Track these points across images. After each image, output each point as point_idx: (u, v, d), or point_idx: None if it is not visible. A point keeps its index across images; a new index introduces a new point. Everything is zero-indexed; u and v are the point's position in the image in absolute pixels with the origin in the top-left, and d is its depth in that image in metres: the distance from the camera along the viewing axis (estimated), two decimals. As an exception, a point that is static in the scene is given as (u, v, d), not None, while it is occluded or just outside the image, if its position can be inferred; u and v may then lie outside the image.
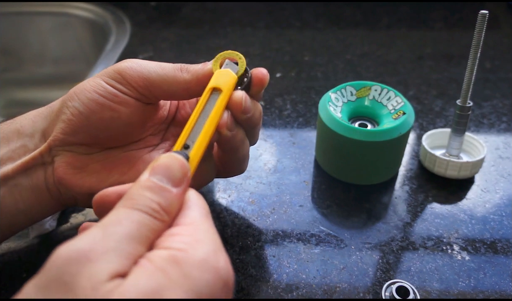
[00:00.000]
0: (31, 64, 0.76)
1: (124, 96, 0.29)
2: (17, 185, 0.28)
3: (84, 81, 0.29)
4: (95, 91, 0.28)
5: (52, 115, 0.29)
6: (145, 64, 0.29)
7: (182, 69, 0.30)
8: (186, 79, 0.29)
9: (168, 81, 0.29)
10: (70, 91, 0.29)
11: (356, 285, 0.30)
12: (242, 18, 0.69)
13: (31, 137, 0.29)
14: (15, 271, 0.31)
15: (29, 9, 0.73)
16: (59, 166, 0.29)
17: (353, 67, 0.56)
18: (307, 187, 0.38)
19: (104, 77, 0.29)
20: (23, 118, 0.30)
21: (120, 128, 0.29)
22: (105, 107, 0.28)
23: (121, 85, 0.29)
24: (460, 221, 0.35)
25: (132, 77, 0.29)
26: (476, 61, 0.33)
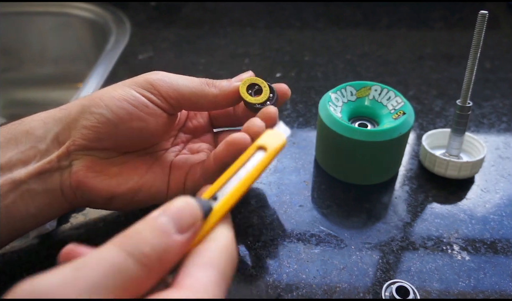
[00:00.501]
0: (31, 64, 0.76)
1: (154, 106, 0.30)
2: (30, 190, 0.28)
3: (109, 88, 0.29)
4: (125, 100, 0.29)
5: (68, 119, 0.29)
6: (174, 77, 0.31)
7: (209, 84, 0.31)
8: (214, 93, 0.31)
9: (197, 94, 0.31)
10: (93, 96, 0.29)
11: (356, 285, 0.30)
12: (242, 18, 0.69)
13: (42, 140, 0.29)
14: (15, 271, 0.31)
15: (29, 9, 0.73)
16: (78, 170, 0.29)
17: (353, 67, 0.56)
18: (307, 187, 0.38)
19: (134, 87, 0.29)
20: (32, 119, 0.29)
21: (145, 136, 0.30)
22: (134, 116, 0.29)
23: (152, 96, 0.29)
24: (460, 221, 0.35)
25: (164, 89, 0.30)
26: (476, 61, 0.33)
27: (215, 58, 0.58)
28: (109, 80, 0.54)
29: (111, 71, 0.56)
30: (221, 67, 0.56)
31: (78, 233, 0.34)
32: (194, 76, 0.32)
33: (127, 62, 0.58)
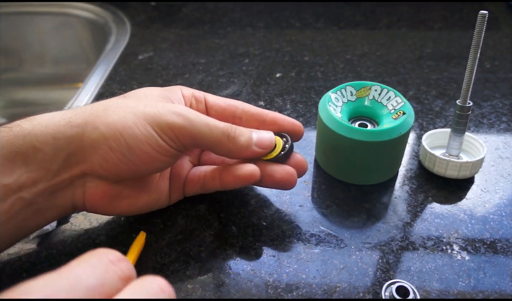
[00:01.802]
0: (31, 64, 0.76)
1: (174, 152, 0.29)
2: (41, 208, 0.28)
3: (130, 123, 0.27)
4: (149, 144, 0.28)
5: (82, 143, 0.27)
6: (196, 121, 0.29)
7: (230, 138, 0.30)
8: (230, 148, 0.30)
9: (214, 144, 0.30)
10: (110, 123, 0.27)
11: (356, 285, 0.30)
12: (242, 18, 0.69)
13: (53, 159, 0.27)
14: (15, 271, 0.31)
15: (29, 9, 0.73)
16: (93, 194, 0.29)
17: (353, 67, 0.56)
18: (307, 187, 0.38)
19: (157, 130, 0.28)
20: (38, 131, 0.27)
21: (162, 170, 0.31)
22: (156, 160, 0.29)
23: (173, 142, 0.29)
24: (460, 221, 0.35)
25: (184, 138, 0.29)
26: (476, 61, 0.33)
27: (215, 58, 0.58)
28: (109, 80, 0.54)
29: (111, 71, 0.56)
30: (221, 67, 0.56)
31: (78, 233, 0.34)
32: (194, 76, 0.32)
33: (127, 62, 0.58)
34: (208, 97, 0.35)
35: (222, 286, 0.30)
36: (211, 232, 0.34)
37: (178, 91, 0.34)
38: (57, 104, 0.37)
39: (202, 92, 0.35)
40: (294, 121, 0.34)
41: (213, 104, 0.34)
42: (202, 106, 0.34)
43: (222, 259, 0.32)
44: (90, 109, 0.28)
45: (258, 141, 0.31)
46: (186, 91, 0.34)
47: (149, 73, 0.55)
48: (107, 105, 0.29)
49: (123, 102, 0.29)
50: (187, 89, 0.34)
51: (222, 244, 0.33)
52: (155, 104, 0.29)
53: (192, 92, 0.34)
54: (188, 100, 0.34)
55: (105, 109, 0.28)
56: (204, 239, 0.33)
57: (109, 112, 0.28)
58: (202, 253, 0.32)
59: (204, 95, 0.35)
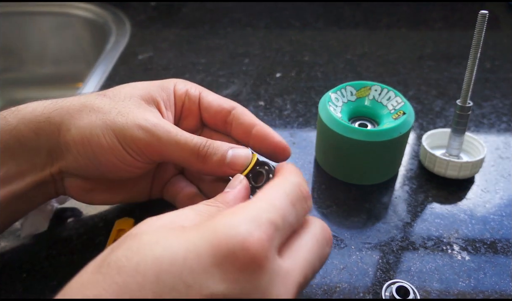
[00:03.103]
0: (31, 64, 0.76)
1: (140, 163, 0.29)
2: (30, 198, 0.29)
3: (98, 131, 0.27)
4: (114, 156, 0.28)
5: (57, 142, 0.28)
6: (163, 139, 0.27)
7: (200, 157, 0.28)
8: (200, 167, 0.29)
9: (183, 162, 0.29)
10: (81, 127, 0.27)
11: (356, 285, 0.30)
12: (242, 18, 0.69)
13: (37, 153, 0.28)
14: (15, 271, 0.31)
15: (29, 9, 0.73)
16: (70, 187, 0.30)
17: (353, 67, 0.56)
18: (307, 187, 0.38)
19: (122, 143, 0.27)
20: (22, 125, 0.28)
21: (131, 177, 0.31)
22: (122, 169, 0.29)
23: (138, 156, 0.28)
24: (460, 221, 0.35)
25: (151, 153, 0.28)
26: (476, 61, 0.33)
27: (215, 58, 0.58)
28: (109, 80, 0.54)
29: (111, 71, 0.56)
30: (221, 67, 0.56)
31: (78, 232, 0.34)
32: (194, 76, 0.32)
33: (127, 62, 0.58)
34: (203, 97, 0.32)
35: (222, 286, 0.30)
36: (211, 232, 0.34)
37: (170, 89, 0.32)
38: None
39: (198, 90, 0.33)
40: (280, 141, 0.31)
41: (206, 106, 0.32)
42: (194, 107, 0.32)
43: (222, 259, 0.31)
44: (68, 106, 0.28)
45: (231, 161, 0.28)
46: (180, 88, 0.32)
47: (149, 73, 0.55)
48: (83, 105, 0.28)
49: (98, 105, 0.28)
50: (182, 85, 0.32)
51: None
52: (127, 112, 0.28)
53: (187, 90, 0.32)
54: (180, 100, 0.32)
55: (80, 110, 0.28)
56: (204, 239, 0.33)
57: (82, 115, 0.28)
58: (202, 253, 0.32)
59: (200, 93, 0.33)
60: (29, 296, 0.29)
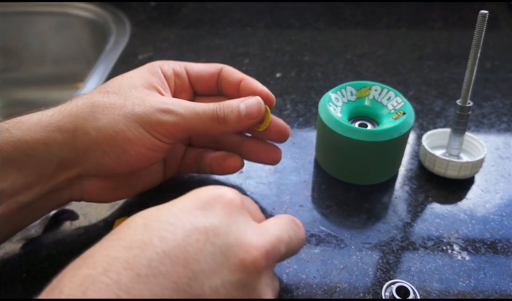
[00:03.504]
0: (31, 64, 0.76)
1: (167, 146, 0.29)
2: (38, 206, 0.28)
3: (122, 126, 0.27)
4: (143, 145, 0.28)
5: (74, 147, 0.27)
6: (186, 115, 0.28)
7: (220, 120, 0.29)
8: (223, 129, 0.30)
9: (207, 130, 0.30)
10: (101, 127, 0.27)
11: (356, 285, 0.30)
12: (242, 18, 0.69)
13: (47, 164, 0.27)
14: (15, 271, 0.31)
15: (29, 9, 0.73)
16: (90, 190, 0.30)
17: (353, 67, 0.56)
18: (307, 187, 0.38)
19: (150, 131, 0.28)
20: (28, 137, 0.26)
21: (155, 162, 0.31)
22: (151, 156, 0.29)
23: (167, 138, 0.29)
24: (460, 221, 0.35)
25: (178, 132, 0.29)
26: (476, 61, 0.33)
27: (215, 58, 0.58)
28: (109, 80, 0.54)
29: (111, 71, 0.56)
30: (221, 67, 0.56)
31: (78, 233, 0.34)
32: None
33: (127, 62, 0.58)
34: (190, 71, 0.34)
35: (222, 286, 0.30)
36: (211, 232, 0.34)
37: (160, 73, 0.32)
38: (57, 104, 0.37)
39: (182, 65, 0.34)
40: (262, 89, 0.33)
41: (197, 78, 0.34)
42: (185, 83, 0.34)
43: (222, 259, 0.31)
44: (77, 111, 0.27)
45: (247, 113, 0.30)
46: (167, 70, 0.33)
47: (149, 73, 0.55)
48: (93, 105, 0.28)
49: (109, 102, 0.28)
50: (167, 66, 0.33)
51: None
52: (142, 101, 0.28)
53: (173, 69, 0.33)
54: (171, 81, 0.33)
55: (92, 112, 0.27)
56: (204, 239, 0.33)
57: (97, 116, 0.27)
58: (202, 253, 0.32)
59: (185, 68, 0.34)
60: (29, 296, 0.29)
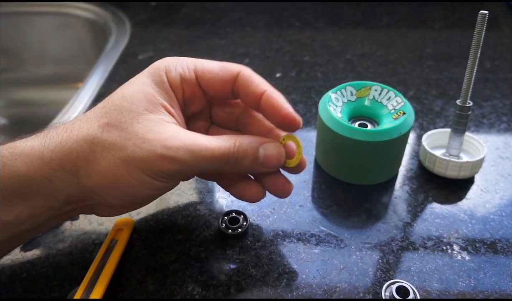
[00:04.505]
0: (31, 64, 0.76)
1: (174, 184, 0.29)
2: (43, 227, 0.28)
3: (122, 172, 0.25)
4: (147, 189, 0.27)
5: (79, 187, 0.26)
6: (190, 162, 0.26)
7: (230, 164, 0.27)
8: (233, 171, 0.28)
9: (217, 170, 0.28)
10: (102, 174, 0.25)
11: (356, 285, 0.30)
12: (242, 18, 0.69)
13: (53, 198, 0.26)
14: (15, 271, 0.31)
15: (29, 9, 0.73)
16: (101, 211, 0.29)
17: (353, 67, 0.56)
18: (307, 187, 0.38)
19: (153, 176, 0.26)
20: (33, 172, 0.25)
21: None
22: (158, 195, 0.29)
23: (171, 181, 0.28)
24: (460, 221, 0.35)
25: (182, 175, 0.28)
26: (476, 61, 0.33)
27: (215, 58, 0.58)
28: (109, 80, 0.54)
29: (111, 71, 0.56)
30: (221, 67, 0.56)
31: (78, 233, 0.34)
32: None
33: (127, 62, 0.58)
34: (200, 75, 0.29)
35: (222, 286, 0.30)
36: (211, 232, 0.34)
37: (165, 84, 0.28)
38: (57, 104, 0.37)
39: (191, 68, 0.29)
40: (287, 113, 0.28)
41: (208, 86, 0.30)
42: (196, 89, 0.30)
43: (222, 259, 0.32)
44: (76, 148, 0.26)
45: (264, 160, 0.27)
46: (173, 77, 0.29)
47: (149, 73, 0.55)
48: (92, 144, 0.26)
49: (109, 142, 0.25)
50: (174, 71, 0.29)
51: (222, 244, 0.33)
52: (143, 142, 0.25)
53: (180, 76, 0.29)
54: (179, 90, 0.29)
55: (92, 152, 0.26)
56: (204, 239, 0.33)
57: (97, 157, 0.25)
58: (202, 253, 0.32)
59: (195, 71, 0.29)
60: (29, 296, 0.29)
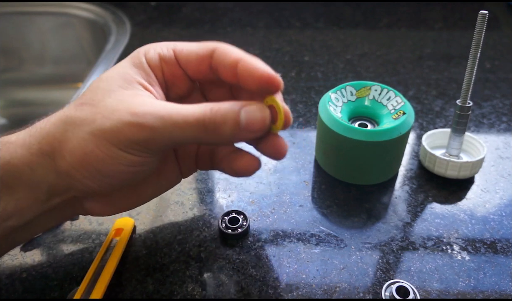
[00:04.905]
0: (31, 64, 0.76)
1: (149, 158, 0.25)
2: (35, 226, 0.27)
3: (92, 146, 0.24)
4: (119, 164, 0.24)
5: (57, 173, 0.25)
6: (160, 127, 0.24)
7: (208, 130, 0.24)
8: (213, 140, 0.25)
9: (193, 141, 0.25)
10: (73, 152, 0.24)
11: (356, 285, 0.30)
12: (242, 18, 0.69)
13: (37, 189, 0.25)
14: (14, 271, 0.31)
15: (29, 9, 0.73)
16: (92, 206, 0.28)
17: (353, 67, 0.56)
18: (307, 187, 0.38)
19: (122, 148, 0.24)
20: (16, 160, 0.25)
21: (148, 173, 0.28)
22: (136, 171, 0.26)
23: (144, 153, 0.25)
24: (460, 221, 0.35)
25: (155, 145, 0.24)
26: (476, 61, 0.33)
27: (215, 58, 0.58)
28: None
29: (111, 71, 0.56)
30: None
31: (78, 233, 0.34)
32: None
33: (127, 62, 0.58)
34: (178, 54, 0.28)
35: (222, 286, 0.30)
36: (211, 232, 0.34)
37: (143, 65, 0.27)
38: (57, 104, 0.37)
39: (170, 47, 0.28)
40: (263, 71, 0.26)
41: (187, 64, 0.28)
42: (176, 69, 0.28)
43: (222, 259, 0.32)
44: (53, 130, 0.25)
45: (246, 124, 0.24)
46: (152, 57, 0.28)
47: (149, 73, 0.55)
48: (65, 123, 0.25)
49: (80, 118, 0.25)
50: (153, 51, 0.28)
51: (222, 244, 0.33)
52: (111, 112, 0.24)
53: (159, 55, 0.28)
54: (158, 70, 0.28)
55: (65, 131, 0.25)
56: (204, 239, 0.33)
57: (68, 136, 0.24)
58: (202, 253, 0.32)
59: (174, 51, 0.28)
60: (29, 296, 0.29)
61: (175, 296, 0.29)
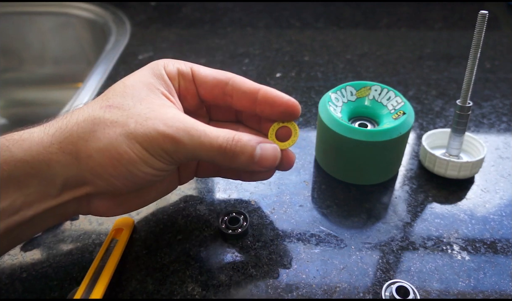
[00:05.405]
0: (31, 64, 0.76)
1: (172, 167, 0.28)
2: (39, 223, 0.27)
3: (125, 147, 0.25)
4: (149, 166, 0.26)
5: (79, 170, 0.26)
6: (188, 144, 0.26)
7: (227, 156, 0.27)
8: (228, 165, 0.28)
9: (210, 161, 0.28)
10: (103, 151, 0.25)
11: (356, 285, 0.30)
12: (242, 18, 0.69)
13: (50, 184, 0.26)
14: (15, 271, 0.31)
15: (29, 9, 0.73)
16: (99, 206, 0.29)
17: (353, 67, 0.56)
18: (307, 187, 0.38)
19: (152, 152, 0.26)
20: (30, 157, 0.25)
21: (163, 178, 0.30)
22: (158, 175, 0.28)
23: (169, 162, 0.27)
24: (460, 221, 0.35)
25: (179, 157, 0.27)
26: (476, 61, 0.33)
27: (215, 58, 0.58)
28: (109, 80, 0.54)
29: (111, 71, 0.56)
30: (221, 67, 0.56)
31: (78, 233, 0.34)
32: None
33: (127, 62, 0.58)
34: (196, 72, 0.31)
35: (222, 286, 0.30)
36: (211, 232, 0.34)
37: (164, 77, 0.30)
38: (57, 104, 0.36)
39: (188, 66, 0.31)
40: (288, 100, 0.30)
41: (201, 81, 0.31)
42: (190, 85, 0.31)
43: (222, 259, 0.32)
44: (78, 130, 0.26)
45: (259, 160, 0.28)
46: (171, 70, 0.30)
47: (149, 73, 0.55)
48: (94, 123, 0.26)
49: (111, 120, 0.26)
50: (171, 65, 0.30)
51: (222, 244, 0.33)
52: (145, 120, 0.26)
53: (178, 69, 0.31)
54: (176, 82, 0.30)
55: (93, 131, 0.26)
56: (204, 239, 0.33)
57: (98, 136, 0.26)
58: (202, 253, 0.32)
59: (192, 69, 0.31)
60: (29, 296, 0.29)
61: (175, 296, 0.29)
